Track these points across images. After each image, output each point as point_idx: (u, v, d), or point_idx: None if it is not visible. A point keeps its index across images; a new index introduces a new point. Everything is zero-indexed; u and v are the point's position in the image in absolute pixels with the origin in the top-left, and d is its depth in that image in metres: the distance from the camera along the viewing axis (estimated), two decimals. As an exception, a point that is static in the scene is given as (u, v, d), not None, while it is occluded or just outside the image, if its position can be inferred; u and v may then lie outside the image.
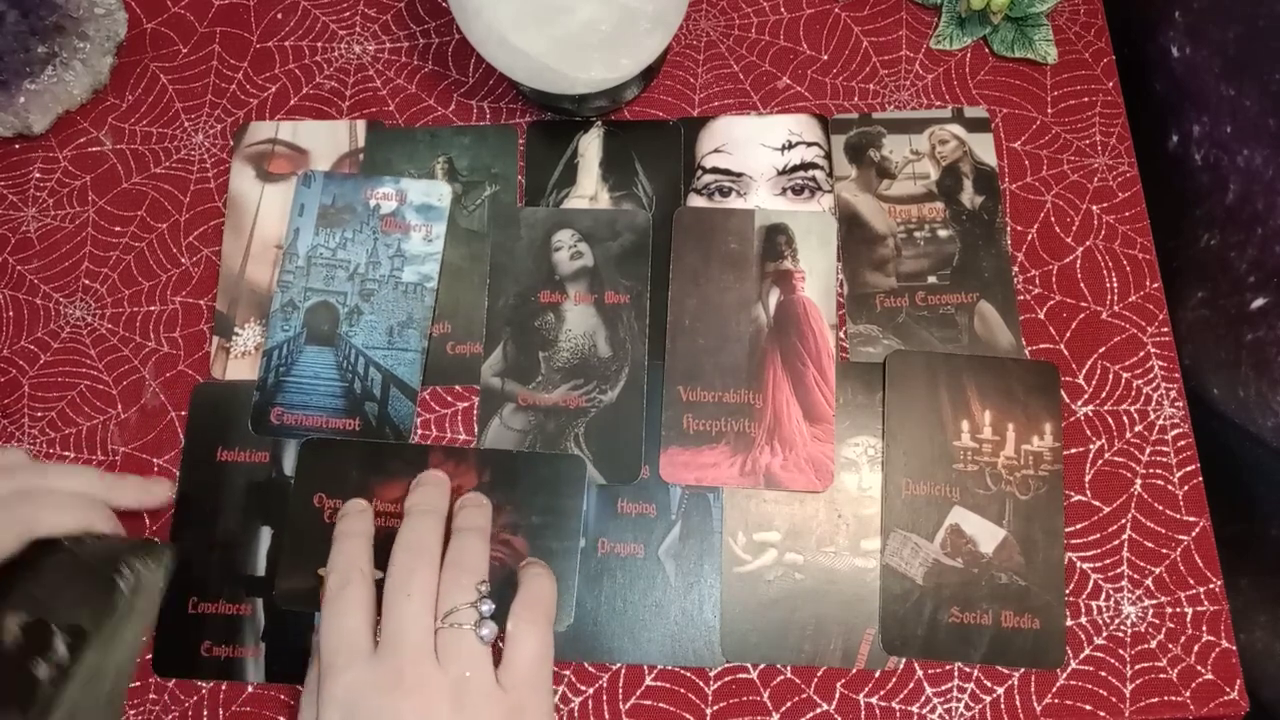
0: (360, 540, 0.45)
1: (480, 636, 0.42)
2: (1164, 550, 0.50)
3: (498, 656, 0.42)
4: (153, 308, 0.57)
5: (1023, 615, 0.49)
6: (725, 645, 0.49)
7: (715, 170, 0.58)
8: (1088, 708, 0.48)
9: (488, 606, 0.42)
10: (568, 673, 0.50)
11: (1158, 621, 0.49)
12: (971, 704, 0.48)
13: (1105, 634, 0.49)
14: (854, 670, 0.49)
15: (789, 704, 0.49)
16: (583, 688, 0.50)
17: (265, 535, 0.52)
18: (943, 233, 0.56)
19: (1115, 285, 0.55)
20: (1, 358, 0.56)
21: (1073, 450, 0.52)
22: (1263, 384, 0.50)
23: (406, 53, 0.62)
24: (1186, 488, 0.51)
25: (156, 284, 0.57)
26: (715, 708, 0.49)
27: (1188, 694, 0.48)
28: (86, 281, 0.58)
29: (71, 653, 0.38)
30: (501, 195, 0.58)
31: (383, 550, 0.51)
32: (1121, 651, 0.49)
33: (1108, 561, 0.50)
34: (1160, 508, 0.51)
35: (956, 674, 0.49)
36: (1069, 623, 0.49)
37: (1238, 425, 0.52)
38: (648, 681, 0.50)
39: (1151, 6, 0.58)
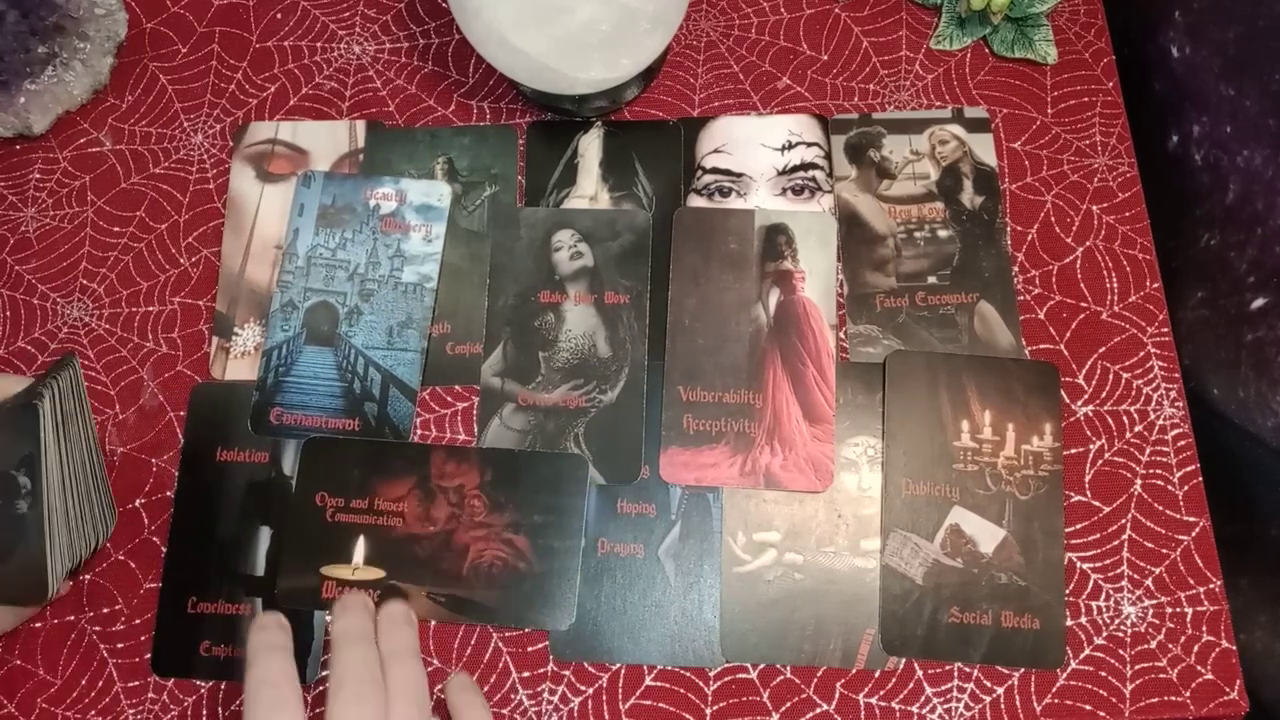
0: (285, 655, 0.42)
1: None
2: (1164, 550, 0.50)
3: None
4: (151, 308, 0.57)
5: (1023, 615, 0.49)
6: (725, 645, 0.49)
7: (715, 170, 0.58)
8: (1088, 708, 0.48)
9: None
10: (568, 673, 0.50)
11: (1158, 621, 0.49)
12: (971, 704, 0.48)
13: (1105, 634, 0.49)
14: (854, 670, 0.49)
15: (789, 704, 0.49)
16: (582, 688, 0.49)
17: (264, 535, 0.52)
18: (943, 233, 0.56)
19: (1115, 285, 0.55)
20: None
21: (1073, 450, 0.52)
22: (1263, 384, 0.50)
23: (406, 53, 0.62)
24: (1186, 488, 0.51)
25: (155, 284, 0.57)
26: (715, 708, 0.49)
27: (1188, 694, 0.48)
28: (85, 282, 0.58)
29: (32, 478, 0.45)
30: (501, 195, 0.58)
31: (382, 549, 0.51)
32: (1121, 651, 0.49)
33: (1108, 561, 0.50)
34: (1160, 508, 0.51)
35: (956, 674, 0.49)
36: (1069, 623, 0.49)
37: (1238, 425, 0.52)
38: (647, 681, 0.49)
39: (1151, 6, 0.58)
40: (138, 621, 0.51)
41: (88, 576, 0.52)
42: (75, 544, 0.48)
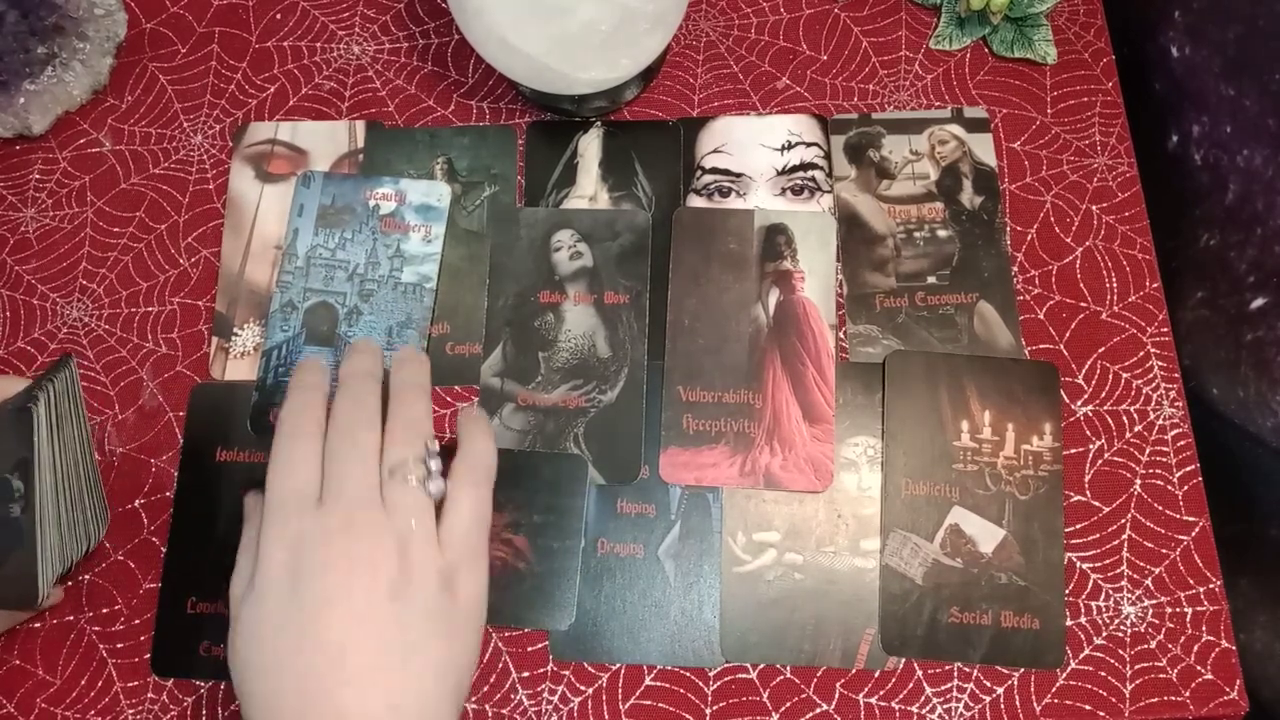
0: (317, 394, 0.44)
1: (428, 491, 0.41)
2: (1164, 550, 0.50)
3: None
4: (151, 308, 0.57)
5: (1022, 615, 0.49)
6: (725, 645, 0.49)
7: (715, 170, 0.58)
8: (1087, 708, 0.48)
9: (435, 463, 0.42)
10: (567, 673, 0.50)
11: (1157, 621, 0.49)
12: (971, 704, 0.48)
13: (1105, 634, 0.49)
14: (854, 670, 0.49)
15: (789, 704, 0.49)
16: (582, 688, 0.49)
17: (264, 535, 0.52)
18: (942, 233, 0.56)
19: (1115, 285, 0.55)
20: None
21: (1072, 450, 0.52)
22: (1263, 384, 0.50)
23: (406, 53, 0.62)
24: (1186, 488, 0.51)
25: (155, 285, 0.57)
26: (715, 708, 0.49)
27: (1188, 694, 0.48)
28: (84, 282, 0.58)
29: (25, 482, 0.45)
30: (501, 195, 0.58)
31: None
32: (1121, 651, 0.49)
33: (1107, 561, 0.50)
34: (1160, 508, 0.51)
35: (956, 674, 0.49)
36: (1069, 623, 0.49)
37: (1238, 425, 0.52)
38: (647, 681, 0.49)
39: (1151, 6, 0.58)
40: (137, 621, 0.51)
41: (87, 576, 0.52)
42: (67, 548, 0.48)
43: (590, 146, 0.59)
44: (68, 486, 0.48)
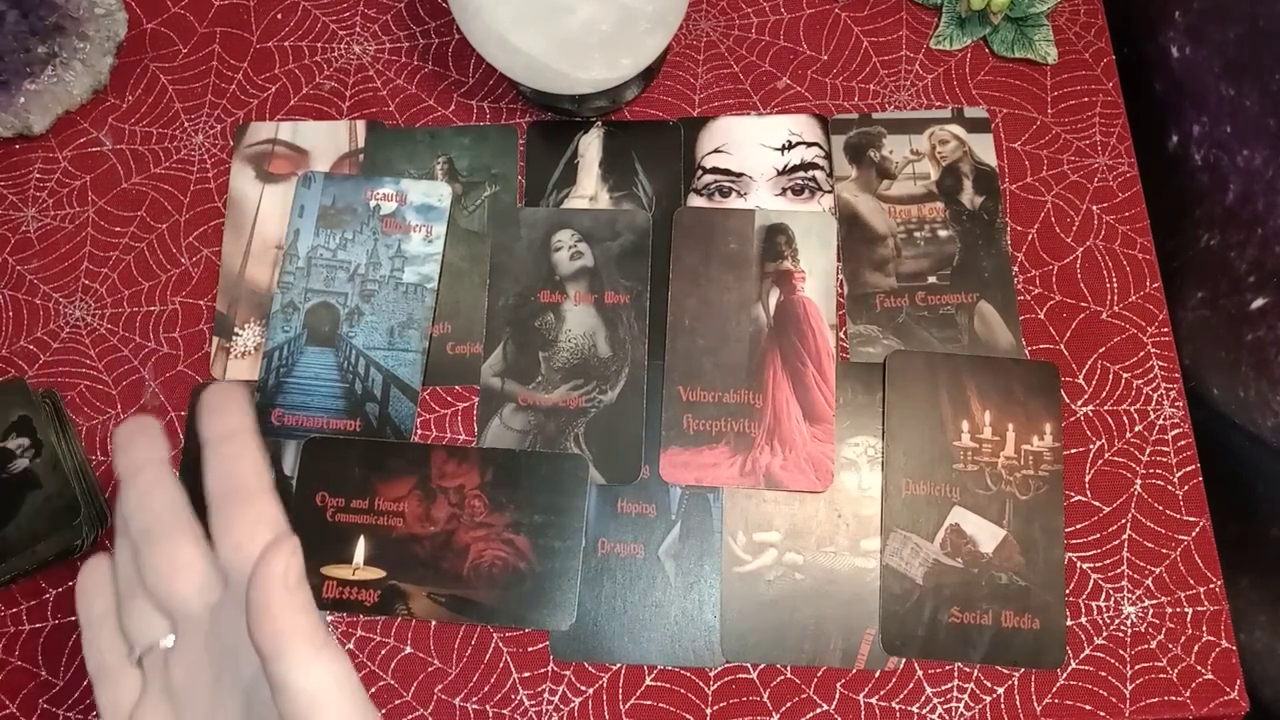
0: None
1: None
2: (1164, 550, 0.50)
3: None
4: (152, 308, 0.57)
5: (1023, 615, 0.49)
6: (725, 645, 0.49)
7: (715, 170, 0.58)
8: (1088, 708, 0.48)
9: None
10: (568, 673, 0.50)
11: (1158, 621, 0.49)
12: (971, 704, 0.48)
13: (1105, 634, 0.49)
14: (854, 670, 0.49)
15: (789, 704, 0.49)
16: (583, 688, 0.50)
17: (265, 535, 0.52)
18: (943, 233, 0.56)
19: (1115, 285, 0.55)
20: (1, 357, 0.56)
21: (1073, 450, 0.52)
22: (1263, 384, 0.50)
23: (406, 53, 0.62)
24: (1186, 488, 0.51)
25: (156, 284, 0.57)
26: (715, 708, 0.49)
27: (1188, 694, 0.48)
28: (86, 281, 0.58)
29: (29, 435, 0.52)
30: (501, 195, 0.58)
31: (382, 549, 0.51)
32: (1121, 651, 0.49)
33: (1108, 561, 0.50)
34: (1160, 508, 0.51)
35: (956, 674, 0.49)
36: (1069, 623, 0.49)
37: (1238, 425, 0.52)
38: (648, 682, 0.50)
39: (1151, 6, 0.58)
40: (139, 621, 0.51)
41: (89, 576, 0.52)
42: (88, 505, 0.51)
43: (591, 146, 0.59)
44: (74, 456, 0.52)
